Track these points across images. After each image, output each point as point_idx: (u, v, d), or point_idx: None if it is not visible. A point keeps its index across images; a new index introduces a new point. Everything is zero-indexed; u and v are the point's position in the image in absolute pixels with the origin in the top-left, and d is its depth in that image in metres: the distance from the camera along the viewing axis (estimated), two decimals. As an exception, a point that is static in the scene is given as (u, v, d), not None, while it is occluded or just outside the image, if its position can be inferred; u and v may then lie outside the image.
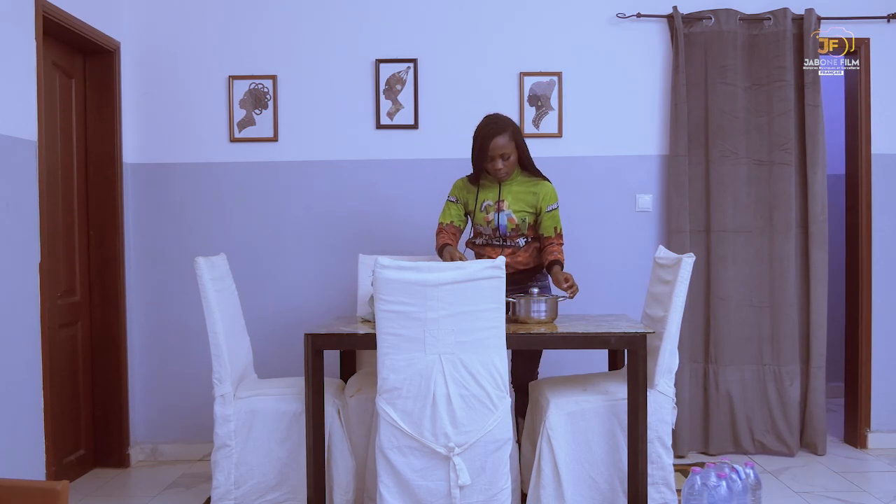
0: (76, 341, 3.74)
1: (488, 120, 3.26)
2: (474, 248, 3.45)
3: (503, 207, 3.29)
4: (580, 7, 4.07)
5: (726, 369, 4.02)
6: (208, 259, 3.13)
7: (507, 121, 3.26)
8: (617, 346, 2.95)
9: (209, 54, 4.05)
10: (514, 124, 3.28)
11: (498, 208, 3.30)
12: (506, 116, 3.29)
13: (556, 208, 3.32)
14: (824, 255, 4.00)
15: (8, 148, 2.96)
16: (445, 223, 3.39)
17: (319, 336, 2.90)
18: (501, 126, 3.21)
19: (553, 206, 3.31)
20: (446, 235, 3.36)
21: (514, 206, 3.29)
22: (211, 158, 4.06)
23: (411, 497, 2.65)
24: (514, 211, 3.29)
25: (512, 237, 3.33)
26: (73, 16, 3.45)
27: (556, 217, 3.32)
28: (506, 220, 3.30)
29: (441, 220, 3.41)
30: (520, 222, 3.30)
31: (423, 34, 4.06)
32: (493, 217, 3.31)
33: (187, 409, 4.03)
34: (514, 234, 3.32)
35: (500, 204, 3.30)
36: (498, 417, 2.64)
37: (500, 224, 3.30)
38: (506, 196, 3.30)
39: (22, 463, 3.02)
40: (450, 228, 3.38)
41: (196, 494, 3.54)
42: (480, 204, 3.34)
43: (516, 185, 3.31)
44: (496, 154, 3.21)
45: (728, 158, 3.99)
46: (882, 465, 3.86)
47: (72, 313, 3.70)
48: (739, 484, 2.72)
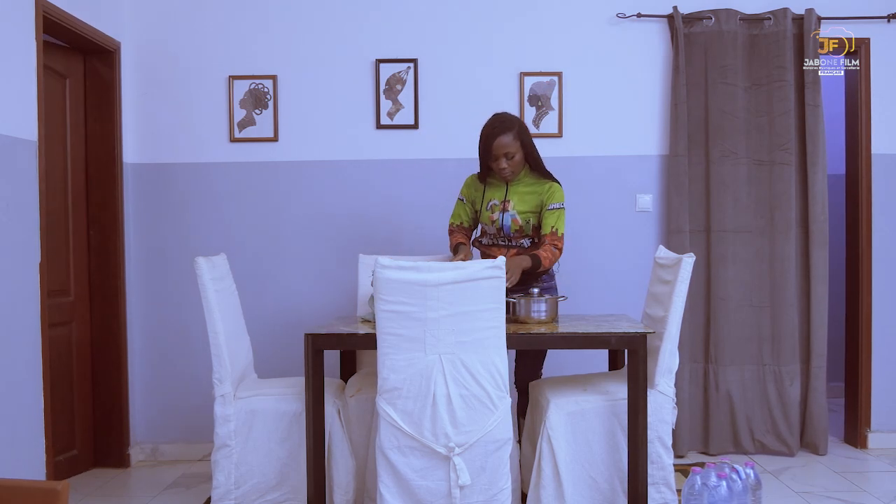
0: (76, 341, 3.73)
1: (494, 118, 3.25)
2: (480, 247, 3.45)
3: (508, 208, 3.29)
4: (580, 7, 4.07)
5: (726, 369, 4.02)
6: (208, 259, 3.13)
7: (514, 120, 3.24)
8: (617, 346, 2.95)
9: (209, 54, 4.05)
10: (521, 123, 3.25)
11: (503, 208, 3.29)
12: (514, 116, 3.28)
13: (560, 208, 3.26)
14: (824, 254, 4.00)
15: (8, 148, 2.96)
16: (455, 224, 3.45)
17: (319, 336, 2.90)
18: (507, 125, 3.20)
19: (556, 205, 3.25)
20: (459, 234, 3.41)
21: (520, 207, 3.28)
22: (211, 158, 4.06)
23: (411, 497, 2.65)
24: (518, 212, 3.27)
25: (516, 238, 3.32)
26: (73, 16, 3.45)
27: (556, 216, 3.26)
28: (510, 220, 3.29)
29: (451, 221, 3.47)
30: (524, 224, 3.28)
31: (423, 34, 4.06)
32: (498, 217, 3.30)
33: (187, 409, 4.03)
34: (517, 234, 3.31)
35: (506, 204, 3.29)
36: (498, 417, 2.64)
37: (504, 224, 3.30)
38: (512, 196, 3.30)
39: (22, 463, 3.02)
40: (461, 229, 3.43)
41: (196, 494, 3.54)
42: (487, 202, 3.34)
43: (523, 185, 3.30)
44: (500, 153, 3.20)
45: (728, 158, 3.99)
46: (882, 465, 3.86)
47: (72, 313, 3.69)
48: (739, 484, 2.72)
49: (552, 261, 3.21)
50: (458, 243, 3.35)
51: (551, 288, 3.38)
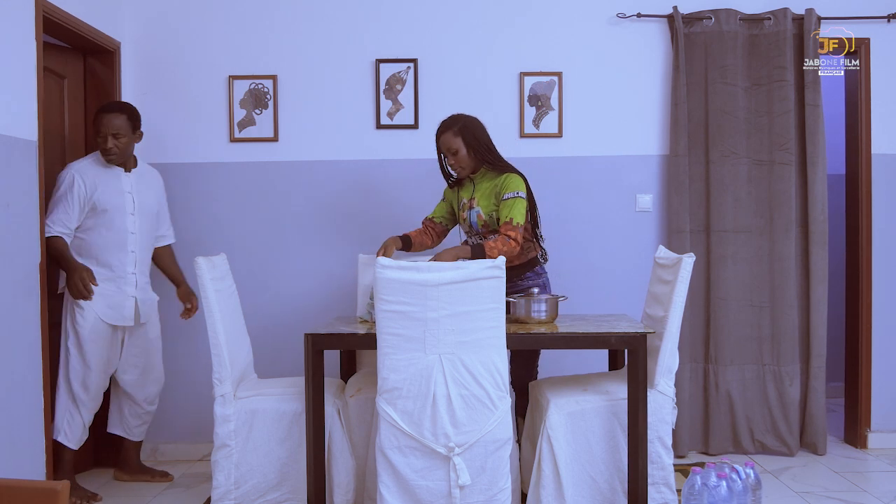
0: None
1: (445, 119, 3.37)
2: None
3: (474, 205, 3.35)
4: (580, 7, 4.07)
5: (726, 369, 4.02)
6: (208, 259, 3.13)
7: (459, 118, 3.34)
8: (617, 346, 2.95)
9: (209, 54, 4.05)
10: (467, 121, 3.32)
11: (470, 206, 3.36)
12: (465, 115, 3.36)
13: (515, 198, 3.19)
14: (824, 254, 4.00)
15: (8, 148, 2.96)
16: (428, 217, 3.55)
17: (319, 336, 2.90)
18: (449, 123, 3.33)
19: (510, 195, 3.20)
20: (417, 229, 3.51)
21: (482, 203, 3.32)
22: (211, 158, 4.06)
23: (411, 497, 2.65)
24: (482, 207, 3.32)
25: (484, 233, 3.35)
26: (73, 16, 3.45)
27: (511, 205, 3.18)
28: (476, 217, 3.34)
29: (427, 216, 3.57)
30: (487, 219, 3.32)
31: (423, 34, 4.05)
32: (467, 215, 3.38)
33: (187, 409, 4.02)
34: (485, 230, 3.34)
35: (472, 202, 3.36)
36: (498, 417, 2.64)
37: (472, 221, 3.37)
38: (476, 194, 3.36)
39: (22, 463, 3.02)
40: (428, 223, 3.53)
41: (196, 494, 3.54)
42: (459, 202, 3.44)
43: (486, 181, 3.35)
44: (445, 150, 3.34)
45: (728, 158, 3.99)
46: (882, 465, 3.86)
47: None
48: (739, 484, 2.72)
49: (503, 251, 3.09)
50: (394, 236, 3.36)
51: (539, 286, 3.35)
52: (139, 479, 3.69)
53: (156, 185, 3.72)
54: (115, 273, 3.46)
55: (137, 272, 3.54)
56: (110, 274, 3.45)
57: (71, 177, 3.39)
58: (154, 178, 3.73)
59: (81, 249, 3.43)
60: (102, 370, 3.46)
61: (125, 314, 3.50)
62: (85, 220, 3.42)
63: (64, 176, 3.41)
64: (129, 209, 3.51)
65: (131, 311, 3.52)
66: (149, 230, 3.62)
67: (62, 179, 3.40)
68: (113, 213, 3.45)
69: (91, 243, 3.44)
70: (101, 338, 3.43)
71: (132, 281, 3.51)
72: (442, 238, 3.58)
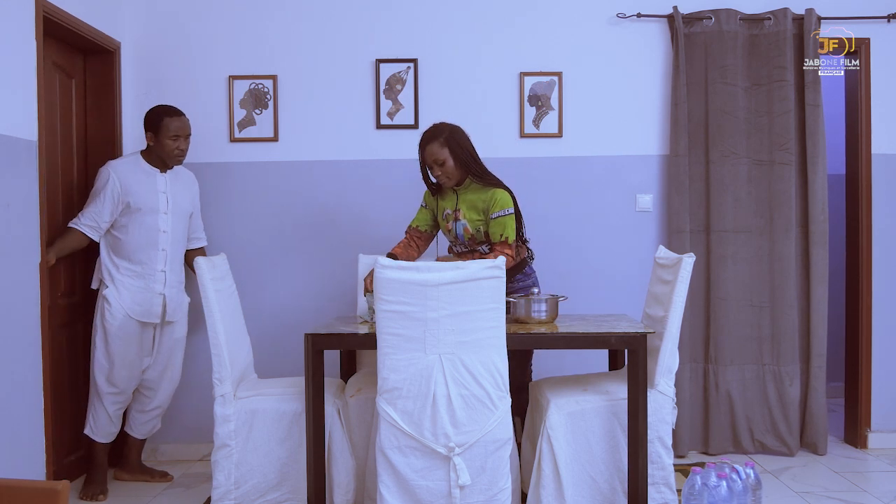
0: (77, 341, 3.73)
1: (429, 127, 3.32)
2: (452, 254, 3.50)
3: (459, 217, 3.32)
4: (580, 7, 4.07)
5: (726, 369, 4.02)
6: (208, 259, 3.13)
7: (444, 127, 3.28)
8: (617, 346, 2.95)
9: (209, 54, 4.05)
10: (453, 131, 3.27)
11: (455, 217, 3.34)
12: (449, 124, 3.31)
13: (505, 215, 3.22)
14: (824, 254, 4.00)
15: (8, 148, 2.96)
16: (412, 226, 3.50)
17: (319, 336, 2.91)
18: (435, 133, 3.26)
19: (500, 213, 3.22)
20: (406, 240, 3.46)
21: (469, 216, 3.30)
22: (211, 158, 4.06)
23: (411, 497, 2.65)
24: (468, 220, 3.30)
25: (471, 244, 3.35)
26: (73, 16, 3.45)
27: (503, 224, 3.22)
28: (462, 229, 3.33)
29: (410, 224, 3.51)
30: (474, 231, 3.31)
31: (423, 34, 4.06)
32: (452, 226, 3.35)
33: (187, 409, 4.02)
34: (472, 242, 3.34)
35: (457, 213, 3.33)
36: (498, 417, 2.64)
37: (458, 233, 3.35)
38: (461, 205, 3.33)
39: (22, 463, 3.02)
40: (413, 233, 3.49)
41: (196, 494, 3.54)
42: (441, 212, 3.41)
43: (471, 193, 3.32)
44: (430, 161, 3.27)
45: (728, 158, 3.99)
46: (882, 465, 3.86)
47: (72, 313, 3.69)
48: (739, 484, 2.72)
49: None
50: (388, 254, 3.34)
51: (528, 287, 3.36)
52: (139, 479, 3.70)
53: (191, 187, 3.79)
54: (145, 270, 3.53)
55: (168, 270, 3.60)
56: (140, 270, 3.53)
57: (107, 174, 3.49)
58: (189, 180, 3.80)
59: (116, 248, 3.53)
60: (128, 365, 3.52)
61: (153, 311, 3.56)
62: (119, 217, 3.51)
63: (101, 173, 3.53)
64: (162, 208, 3.57)
65: (159, 308, 3.57)
66: (181, 230, 3.69)
67: (100, 176, 3.52)
68: (146, 211, 3.53)
69: (125, 242, 3.52)
70: (128, 334, 3.51)
71: (161, 279, 3.57)
72: (427, 244, 3.55)
